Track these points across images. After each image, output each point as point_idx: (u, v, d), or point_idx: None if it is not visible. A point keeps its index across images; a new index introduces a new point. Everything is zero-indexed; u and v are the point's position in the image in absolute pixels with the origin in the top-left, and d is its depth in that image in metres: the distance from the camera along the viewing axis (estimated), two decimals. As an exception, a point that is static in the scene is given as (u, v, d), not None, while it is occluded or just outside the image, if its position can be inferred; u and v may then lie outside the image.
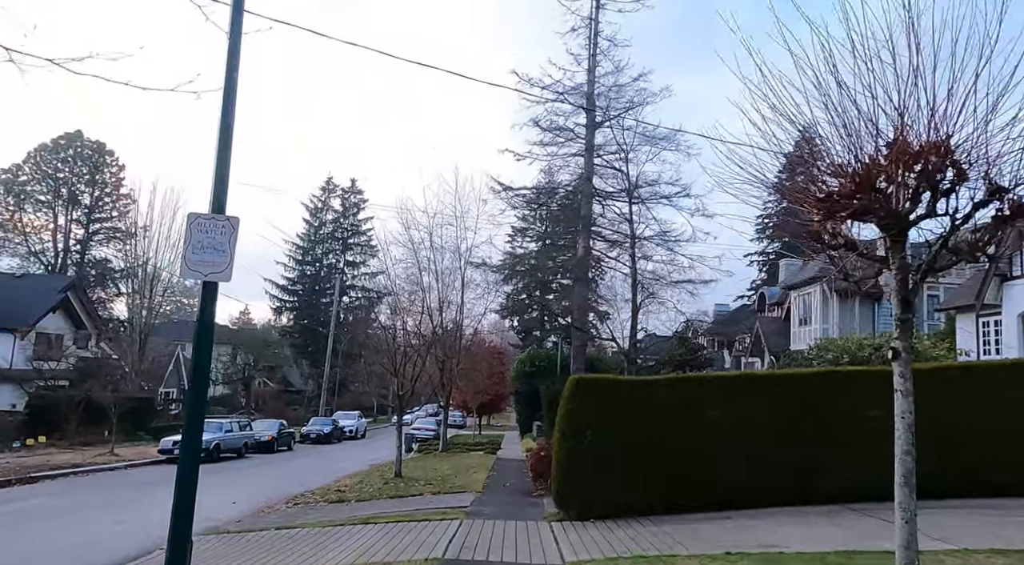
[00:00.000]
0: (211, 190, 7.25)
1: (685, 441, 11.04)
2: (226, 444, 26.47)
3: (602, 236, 35.51)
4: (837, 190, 5.86)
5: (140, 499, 16.94)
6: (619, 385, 11.60)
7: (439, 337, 22.15)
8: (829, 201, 5.94)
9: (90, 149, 63.65)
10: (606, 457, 11.07)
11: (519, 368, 41.27)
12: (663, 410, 11.18)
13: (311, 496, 16.23)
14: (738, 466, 10.99)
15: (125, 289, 48.90)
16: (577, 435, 11.16)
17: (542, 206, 37.88)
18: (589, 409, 11.23)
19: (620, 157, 33.05)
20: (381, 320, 24.00)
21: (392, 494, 15.47)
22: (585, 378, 11.69)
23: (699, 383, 11.76)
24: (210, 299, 7.09)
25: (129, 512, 14.95)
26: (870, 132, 5.89)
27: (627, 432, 11.12)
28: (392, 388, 17.96)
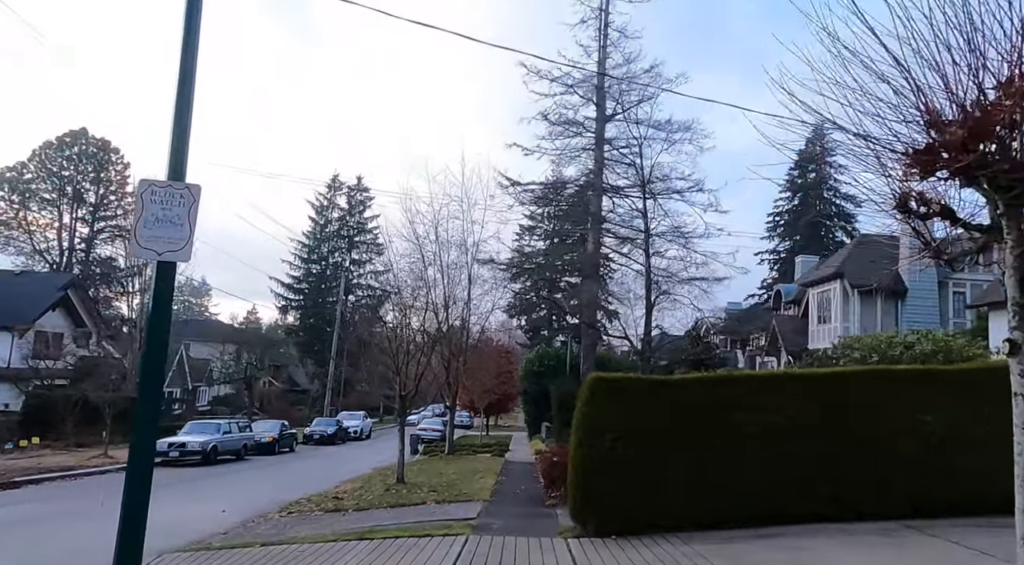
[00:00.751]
0: (168, 153, 6.08)
1: (718, 448, 9.78)
2: (224, 446, 25.32)
3: (612, 232, 34.32)
4: (943, 141, 4.56)
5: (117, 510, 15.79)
6: (643, 385, 10.34)
7: (444, 334, 20.94)
8: (930, 155, 4.65)
9: (95, 147, 62.74)
10: (629, 466, 9.81)
11: (527, 367, 40.03)
12: (694, 413, 9.92)
13: (307, 504, 15.03)
14: (778, 476, 9.73)
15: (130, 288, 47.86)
16: (596, 441, 9.91)
17: (551, 201, 36.55)
18: (610, 412, 9.98)
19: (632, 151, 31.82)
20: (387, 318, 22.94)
21: (393, 502, 14.25)
22: (605, 377, 10.42)
23: (734, 382, 10.47)
24: (166, 281, 5.89)
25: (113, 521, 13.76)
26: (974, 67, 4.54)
27: (653, 438, 9.87)
28: (395, 388, 16.70)
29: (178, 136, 5.97)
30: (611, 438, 9.89)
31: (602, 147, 33.26)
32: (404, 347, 16.94)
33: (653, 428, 9.88)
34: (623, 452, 9.84)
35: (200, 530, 12.52)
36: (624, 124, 32.69)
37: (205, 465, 23.88)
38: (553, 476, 14.14)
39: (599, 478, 9.86)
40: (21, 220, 60.23)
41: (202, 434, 24.73)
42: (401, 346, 16.86)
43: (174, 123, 5.98)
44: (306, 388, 60.22)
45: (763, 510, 9.67)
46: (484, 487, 16.30)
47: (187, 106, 6.02)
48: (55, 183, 61.58)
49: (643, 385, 10.32)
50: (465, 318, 25.22)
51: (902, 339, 20.50)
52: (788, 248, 66.05)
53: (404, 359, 16.53)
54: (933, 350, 18.41)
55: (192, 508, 15.39)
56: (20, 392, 32.40)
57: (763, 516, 9.66)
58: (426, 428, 37.82)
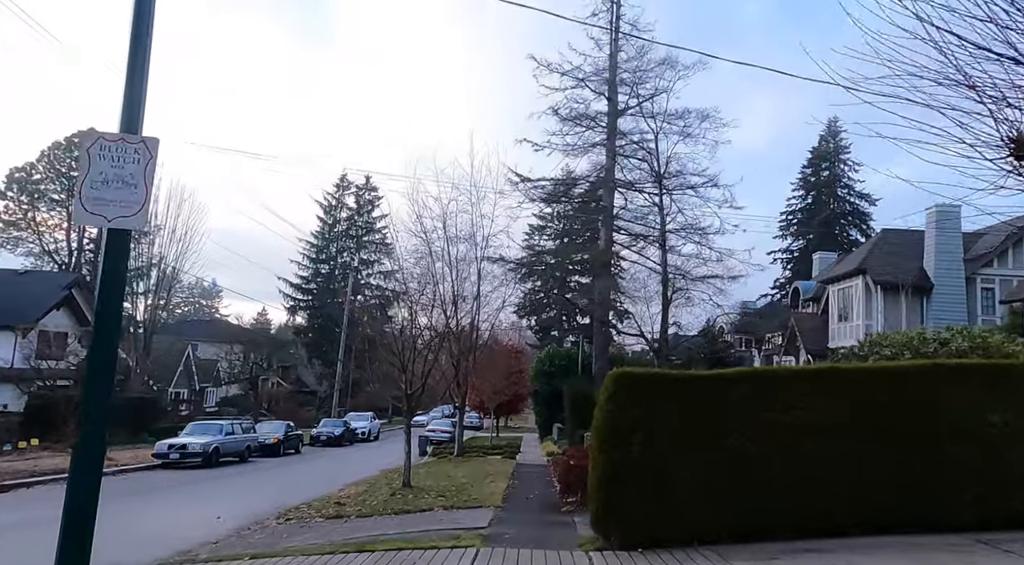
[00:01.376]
0: (121, 101, 5.09)
1: (758, 451, 8.72)
2: (226, 448, 24.36)
3: (625, 229, 33.29)
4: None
5: (118, 512, 14.83)
6: (673, 381, 9.27)
7: (452, 331, 19.94)
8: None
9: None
10: (658, 471, 8.77)
11: (538, 367, 38.98)
12: (730, 412, 8.86)
13: (307, 509, 14.03)
14: (825, 482, 8.68)
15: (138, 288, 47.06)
16: (621, 443, 8.87)
17: (562, 198, 35.48)
18: (635, 411, 8.93)
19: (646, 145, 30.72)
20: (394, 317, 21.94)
21: (398, 508, 13.23)
22: (630, 373, 9.37)
23: (776, 378, 9.37)
24: (117, 252, 4.89)
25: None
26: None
27: (685, 440, 8.82)
28: (400, 387, 15.69)
29: (134, 81, 4.99)
30: (638, 440, 8.85)
31: (614, 142, 32.29)
32: (411, 343, 15.94)
33: (688, 429, 8.84)
34: (651, 455, 8.80)
35: (190, 538, 11.56)
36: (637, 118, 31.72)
37: (207, 467, 22.96)
38: (569, 481, 13.10)
39: (624, 484, 8.82)
40: (30, 221, 59.73)
41: (204, 435, 23.79)
42: (407, 342, 15.86)
43: (128, 66, 5.00)
44: (314, 389, 59.33)
45: (809, 519, 8.61)
46: (495, 492, 15.26)
47: (143, 46, 5.04)
48: (63, 183, 60.97)
49: (673, 381, 9.25)
50: (474, 315, 24.18)
51: (935, 335, 19.35)
52: (802, 247, 64.76)
53: (410, 356, 15.52)
54: (970, 347, 17.32)
55: (186, 514, 14.45)
56: (22, 393, 31.60)
57: (809, 526, 8.61)
58: (435, 429, 36.78)
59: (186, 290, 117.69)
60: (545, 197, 34.69)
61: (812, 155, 66.57)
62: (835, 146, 65.75)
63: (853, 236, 62.64)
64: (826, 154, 65.84)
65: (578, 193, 35.59)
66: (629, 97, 31.99)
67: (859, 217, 64.15)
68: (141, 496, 17.05)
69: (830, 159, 65.68)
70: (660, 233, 25.96)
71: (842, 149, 65.70)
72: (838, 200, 65.48)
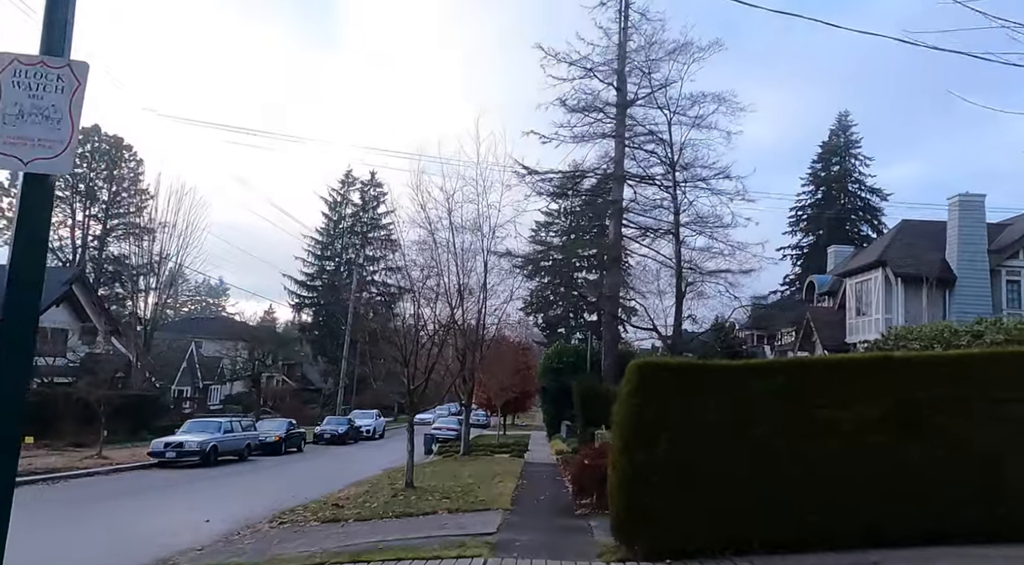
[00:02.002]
0: (43, 17, 4.10)
1: (802, 451, 7.69)
2: (225, 446, 23.38)
3: (635, 223, 32.29)
4: None
5: (103, 513, 13.86)
6: (704, 373, 8.21)
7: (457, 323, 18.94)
8: None
9: (108, 144, 61.40)
10: (688, 473, 7.75)
11: (545, 364, 37.99)
12: (770, 407, 7.83)
13: (303, 512, 13.04)
14: (876, 484, 7.64)
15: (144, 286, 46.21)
16: (646, 442, 7.85)
17: (570, 191, 34.43)
18: (663, 406, 7.92)
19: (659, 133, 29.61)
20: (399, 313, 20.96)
21: (399, 511, 12.23)
22: (657, 363, 8.34)
23: (822, 367, 8.28)
24: (38, 201, 3.90)
25: (70, 539, 11.84)
26: None
27: (718, 438, 7.80)
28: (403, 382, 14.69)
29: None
30: (665, 438, 7.83)
31: (623, 133, 31.37)
32: (413, 336, 14.93)
33: (721, 426, 7.81)
34: (680, 455, 7.78)
35: (174, 544, 10.58)
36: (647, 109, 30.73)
37: (204, 466, 22.01)
38: (583, 482, 12.10)
39: (650, 488, 7.79)
40: (34, 218, 58.97)
41: (201, 433, 22.83)
42: (409, 334, 14.86)
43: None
44: (320, 387, 58.41)
45: (863, 528, 7.57)
46: (503, 493, 14.26)
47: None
48: (68, 180, 60.18)
49: (704, 373, 8.21)
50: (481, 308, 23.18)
51: (968, 328, 18.27)
52: (812, 243, 63.51)
53: (413, 350, 14.51)
54: (1006, 340, 16.31)
55: (175, 516, 13.49)
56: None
57: (859, 534, 7.57)
58: (441, 427, 35.79)
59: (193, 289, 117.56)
60: (553, 191, 33.69)
61: (822, 149, 65.26)
62: (845, 140, 64.47)
63: (864, 231, 61.34)
64: (836, 148, 64.54)
65: (587, 186, 34.63)
66: (639, 87, 31.03)
67: (870, 212, 62.85)
68: (131, 497, 16.11)
69: (840, 153, 64.38)
70: (674, 222, 24.88)
71: (853, 143, 64.42)
72: (849, 195, 64.20)
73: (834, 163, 64.94)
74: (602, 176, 32.31)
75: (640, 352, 35.47)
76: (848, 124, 64.37)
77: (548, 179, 32.05)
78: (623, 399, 8.35)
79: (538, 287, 65.12)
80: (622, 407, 8.29)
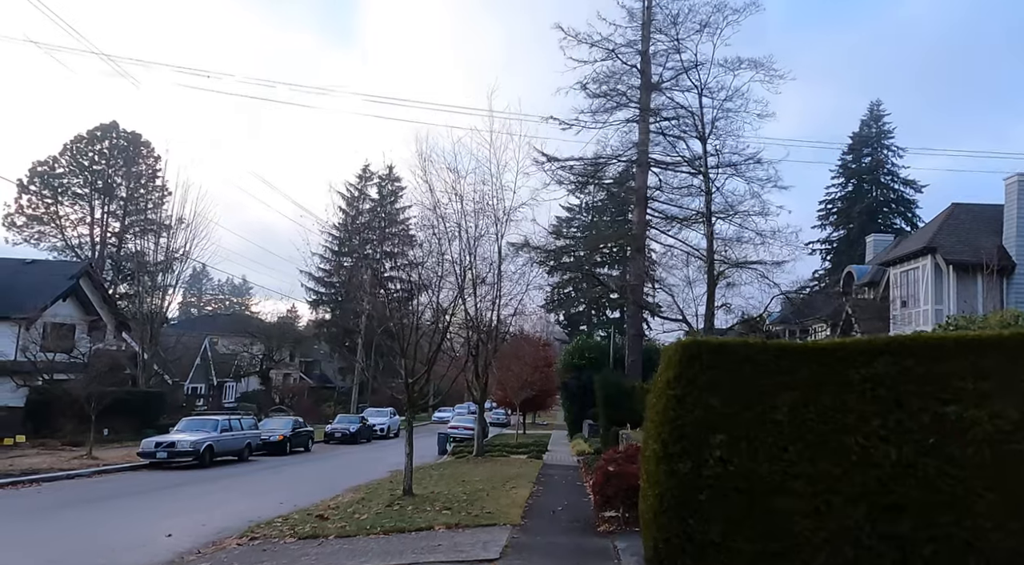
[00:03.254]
0: None
1: (916, 460, 5.55)
2: (222, 446, 21.51)
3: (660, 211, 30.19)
4: None
5: (59, 522, 12.02)
6: (777, 355, 6.05)
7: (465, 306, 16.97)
8: None
9: (125, 140, 60.32)
10: (752, 490, 5.66)
11: (566, 360, 35.89)
12: (871, 402, 5.71)
13: (281, 525, 11.09)
14: (1011, 507, 5.49)
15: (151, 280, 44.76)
16: (694, 448, 5.78)
17: (591, 179, 32.35)
18: (717, 399, 5.84)
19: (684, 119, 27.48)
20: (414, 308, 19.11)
21: (390, 525, 10.23)
22: (706, 343, 6.22)
23: (953, 349, 6.00)
24: None
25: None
26: None
27: (795, 443, 5.70)
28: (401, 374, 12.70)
29: None
30: (720, 443, 5.75)
31: (647, 118, 29.28)
32: (412, 321, 12.95)
33: (794, 427, 5.71)
34: (740, 467, 5.70)
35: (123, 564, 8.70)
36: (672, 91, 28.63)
37: (200, 468, 20.23)
38: (608, 493, 10.00)
39: (699, 509, 5.72)
40: (53, 215, 58.10)
41: (196, 432, 21.01)
42: (408, 320, 12.89)
43: None
44: (338, 384, 56.78)
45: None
46: (515, 502, 12.22)
47: None
48: (87, 177, 59.33)
49: (777, 354, 6.06)
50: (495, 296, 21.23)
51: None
52: (842, 237, 60.65)
53: (411, 337, 12.52)
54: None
55: (136, 528, 11.61)
56: (17, 387, 29.27)
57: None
58: (457, 426, 33.76)
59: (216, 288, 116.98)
60: (573, 179, 31.61)
61: (852, 141, 62.30)
62: (877, 131, 61.49)
63: (898, 224, 58.32)
64: (868, 139, 61.58)
65: (609, 175, 32.59)
66: (664, 68, 28.94)
67: (904, 204, 59.79)
68: (99, 503, 14.30)
69: (872, 144, 61.40)
70: (705, 201, 22.66)
71: (885, 134, 61.41)
72: (881, 187, 61.23)
73: (865, 154, 61.97)
74: (626, 163, 30.29)
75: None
76: (880, 113, 61.35)
77: (568, 167, 30.07)
78: (659, 390, 6.28)
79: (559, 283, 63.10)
80: (659, 400, 6.22)
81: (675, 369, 6.07)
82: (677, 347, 6.23)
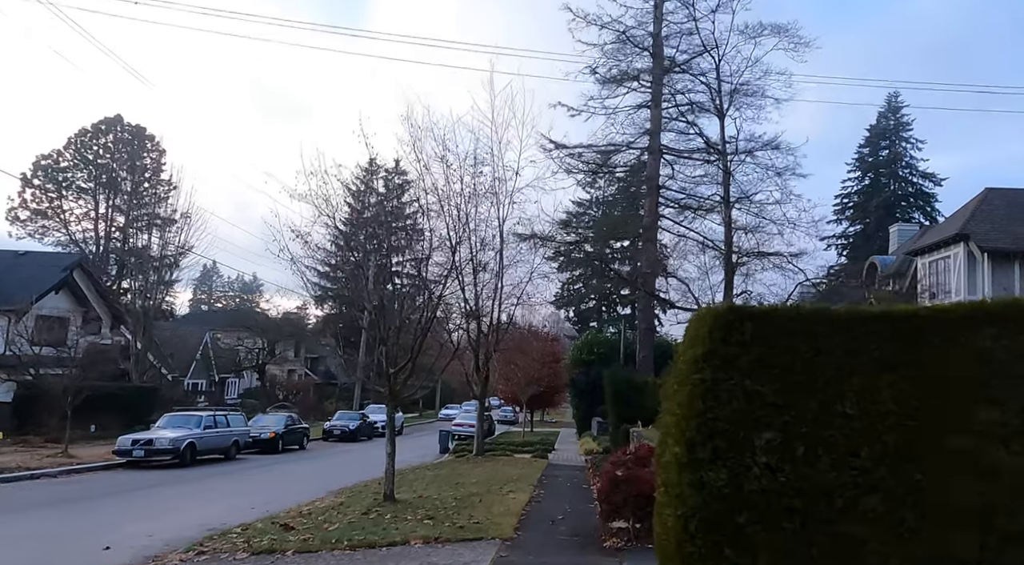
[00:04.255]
0: None
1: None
2: (205, 443, 19.97)
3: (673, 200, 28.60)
4: None
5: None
6: (842, 327, 4.40)
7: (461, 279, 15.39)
8: None
9: (130, 133, 59.17)
10: (810, 507, 4.03)
11: (575, 355, 34.26)
12: (973, 386, 4.07)
13: (237, 535, 9.52)
14: None
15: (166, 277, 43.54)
16: (730, 452, 4.16)
17: (602, 167, 30.74)
18: (761, 387, 4.22)
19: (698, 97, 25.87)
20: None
21: (359, 539, 8.65)
22: (748, 310, 4.60)
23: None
24: None
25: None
26: None
27: (870, 446, 4.07)
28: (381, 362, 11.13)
29: None
30: (767, 443, 4.12)
31: (659, 103, 27.70)
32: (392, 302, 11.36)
33: (869, 420, 4.08)
34: (793, 475, 4.07)
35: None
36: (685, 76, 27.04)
37: (180, 467, 18.73)
38: (616, 502, 8.39)
39: (738, 534, 4.10)
40: (57, 209, 57.04)
41: (177, 429, 19.51)
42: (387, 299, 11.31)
43: None
44: (343, 380, 55.30)
45: None
46: (510, 510, 10.61)
47: None
48: (91, 172, 58.22)
49: (843, 326, 4.40)
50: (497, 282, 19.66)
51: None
52: (858, 232, 58.61)
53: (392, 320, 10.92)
54: None
55: (73, 538, 10.09)
56: (10, 381, 27.95)
57: None
58: (462, 423, 32.21)
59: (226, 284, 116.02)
60: (583, 168, 29.97)
61: (869, 133, 60.18)
62: (895, 123, 59.36)
63: (916, 218, 56.25)
64: (885, 132, 59.46)
65: (620, 162, 30.99)
66: (677, 51, 27.31)
67: (923, 198, 57.69)
68: (46, 508, 12.75)
69: (889, 137, 59.27)
70: (724, 182, 20.98)
71: (903, 126, 59.28)
72: (899, 181, 59.15)
73: (883, 147, 59.87)
74: (638, 150, 28.69)
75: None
76: (898, 105, 59.22)
77: (577, 154, 28.45)
78: (682, 374, 4.64)
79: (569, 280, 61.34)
80: (681, 388, 4.58)
81: (704, 345, 4.44)
82: (707, 315, 4.59)
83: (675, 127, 28.28)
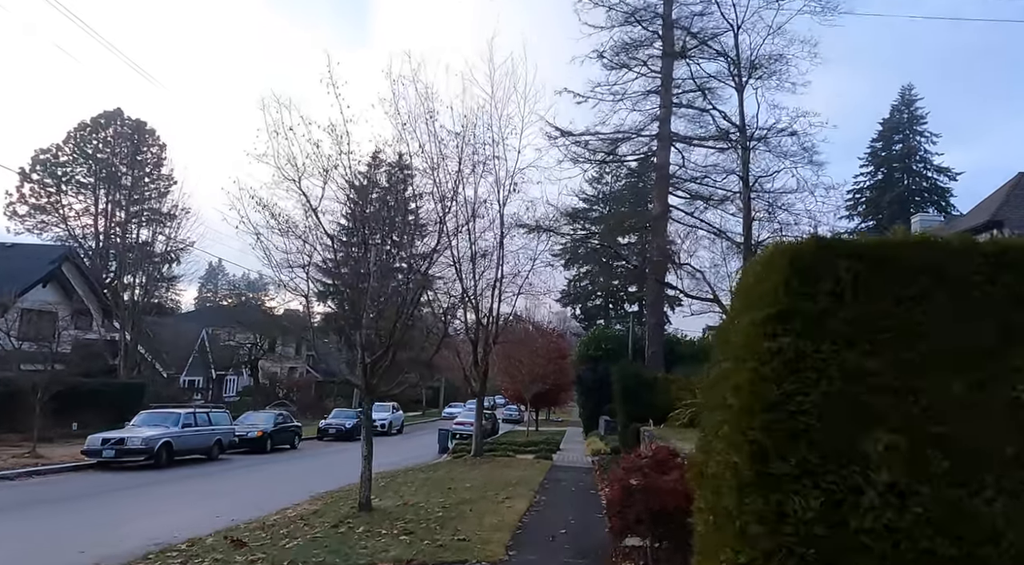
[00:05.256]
0: None
1: None
2: (183, 443, 18.37)
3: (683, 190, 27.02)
4: None
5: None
6: (1008, 267, 2.82)
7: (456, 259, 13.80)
8: None
9: (130, 127, 57.87)
10: (966, 554, 2.40)
11: (582, 351, 32.60)
12: None
13: (176, 556, 7.92)
14: None
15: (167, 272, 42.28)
16: (824, 462, 2.53)
17: (609, 156, 29.14)
18: (873, 363, 2.59)
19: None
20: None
21: (317, 561, 7.06)
22: (846, 245, 3.02)
23: None
24: None
25: None
26: None
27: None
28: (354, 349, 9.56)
29: None
30: (885, 451, 2.50)
31: (670, 89, 26.17)
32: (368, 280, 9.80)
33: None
34: (934, 501, 2.44)
35: None
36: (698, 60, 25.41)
37: (155, 468, 17.19)
38: (629, 517, 6.76)
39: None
40: (56, 204, 55.78)
41: (152, 428, 17.97)
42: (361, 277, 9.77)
43: None
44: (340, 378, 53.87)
45: None
46: (504, 522, 9.01)
47: None
48: (91, 166, 56.96)
49: (1002, 262, 2.79)
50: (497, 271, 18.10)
51: None
52: (871, 227, 56.76)
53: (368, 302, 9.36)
54: None
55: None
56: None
57: None
58: (463, 422, 30.58)
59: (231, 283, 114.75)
60: (589, 156, 28.33)
61: (883, 127, 58.32)
62: (909, 116, 57.49)
63: (930, 214, 54.42)
64: (899, 125, 57.60)
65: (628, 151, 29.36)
66: (688, 34, 25.68)
67: (937, 193, 55.85)
68: (24, 510, 11.25)
69: (903, 131, 57.42)
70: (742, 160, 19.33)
71: (917, 119, 57.41)
72: (913, 175, 57.32)
73: (896, 141, 58.02)
74: (647, 137, 27.09)
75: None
76: (912, 98, 57.35)
77: (583, 142, 26.83)
78: (740, 347, 3.02)
79: (576, 277, 59.59)
80: (737, 368, 2.97)
81: (778, 301, 2.82)
82: (779, 256, 2.97)
83: (686, 114, 26.70)
